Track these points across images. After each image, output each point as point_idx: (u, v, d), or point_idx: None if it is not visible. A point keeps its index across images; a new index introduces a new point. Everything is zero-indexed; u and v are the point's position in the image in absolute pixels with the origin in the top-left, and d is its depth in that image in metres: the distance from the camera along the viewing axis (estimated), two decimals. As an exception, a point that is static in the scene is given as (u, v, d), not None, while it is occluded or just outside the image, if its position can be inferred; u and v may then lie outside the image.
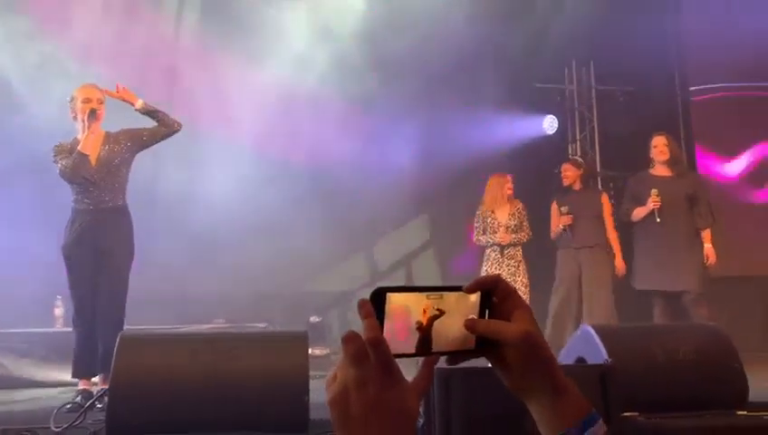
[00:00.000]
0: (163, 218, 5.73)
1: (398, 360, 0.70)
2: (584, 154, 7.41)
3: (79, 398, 3.64)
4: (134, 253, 4.08)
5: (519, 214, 5.69)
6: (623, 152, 7.30)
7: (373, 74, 6.36)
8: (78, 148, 3.93)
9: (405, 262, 7.37)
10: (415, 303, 0.73)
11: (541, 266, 5.80)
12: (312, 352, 5.40)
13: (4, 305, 5.26)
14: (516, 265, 5.59)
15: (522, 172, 6.09)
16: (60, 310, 5.58)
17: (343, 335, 0.69)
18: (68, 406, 3.21)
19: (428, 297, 0.73)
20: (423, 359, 0.75)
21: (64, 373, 4.07)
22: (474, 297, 0.76)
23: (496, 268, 5.58)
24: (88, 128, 3.92)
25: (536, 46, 6.62)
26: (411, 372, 0.73)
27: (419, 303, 0.73)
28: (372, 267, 7.33)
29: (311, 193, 6.35)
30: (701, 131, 7.37)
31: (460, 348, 0.76)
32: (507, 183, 5.77)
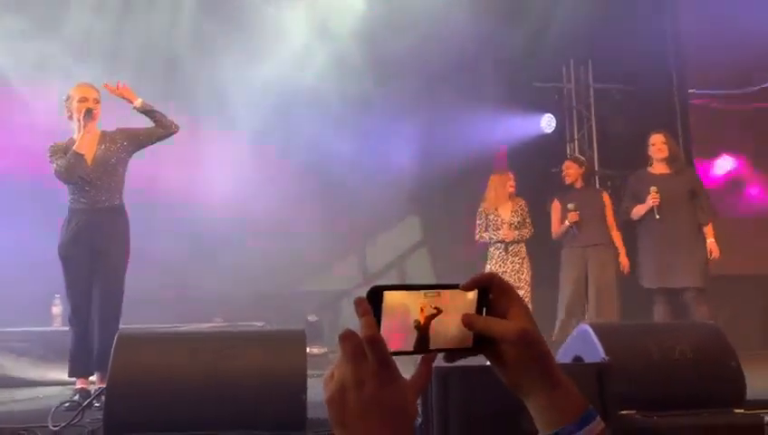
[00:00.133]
0: (161, 218, 5.73)
1: (396, 358, 0.70)
2: (582, 153, 7.41)
3: (77, 397, 3.64)
4: (130, 252, 4.06)
5: (522, 211, 5.68)
6: (621, 151, 7.30)
7: (372, 74, 6.36)
8: (73, 148, 3.90)
9: (404, 261, 7.37)
10: (412, 301, 0.73)
11: (541, 263, 5.79)
12: (310, 350, 5.40)
13: (2, 305, 5.25)
14: (521, 261, 5.59)
15: (520, 171, 6.08)
16: (58, 309, 5.57)
17: (340, 334, 0.69)
18: (66, 405, 3.20)
19: (425, 295, 0.73)
20: (421, 357, 0.75)
21: (62, 372, 4.06)
22: (471, 295, 0.76)
23: (501, 266, 5.58)
24: (84, 127, 3.89)
25: (534, 45, 6.62)
26: (409, 370, 0.73)
27: (416, 301, 0.73)
28: (371, 266, 7.32)
29: (309, 192, 6.35)
30: (699, 131, 7.37)
31: (458, 346, 0.76)
32: (509, 180, 5.77)
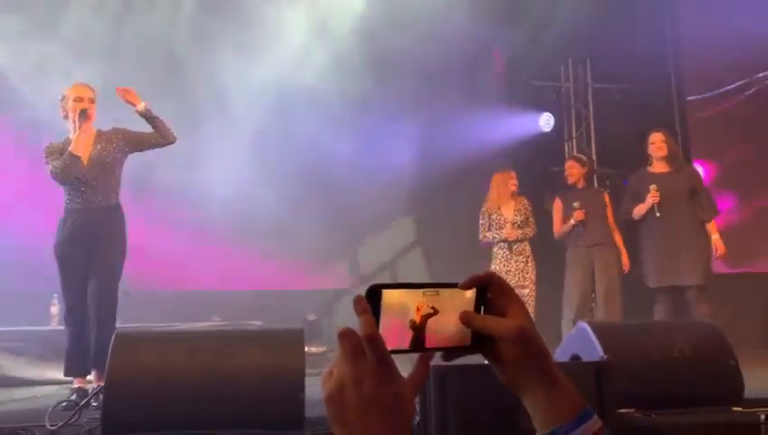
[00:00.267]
0: (160, 217, 5.73)
1: (394, 356, 0.70)
2: (580, 152, 7.41)
3: (74, 396, 3.62)
4: (127, 251, 4.04)
5: (525, 210, 5.68)
6: (619, 150, 7.31)
7: (371, 73, 6.35)
8: (69, 148, 3.87)
9: (403, 260, 7.37)
10: (410, 299, 0.73)
11: (542, 262, 5.77)
12: (309, 349, 5.40)
13: (0, 304, 5.24)
14: (525, 260, 5.58)
15: (519, 170, 6.08)
16: (56, 308, 5.57)
17: (339, 332, 0.69)
18: (63, 404, 3.18)
19: (424, 294, 0.73)
20: (419, 355, 0.75)
21: (60, 371, 4.05)
22: (469, 294, 0.76)
23: (504, 265, 5.57)
24: (79, 128, 3.87)
25: (533, 44, 6.62)
26: (406, 368, 0.73)
27: (414, 300, 0.73)
28: (370, 266, 7.32)
29: (309, 191, 6.35)
30: (697, 130, 7.38)
31: (456, 344, 0.76)
32: (511, 179, 5.77)
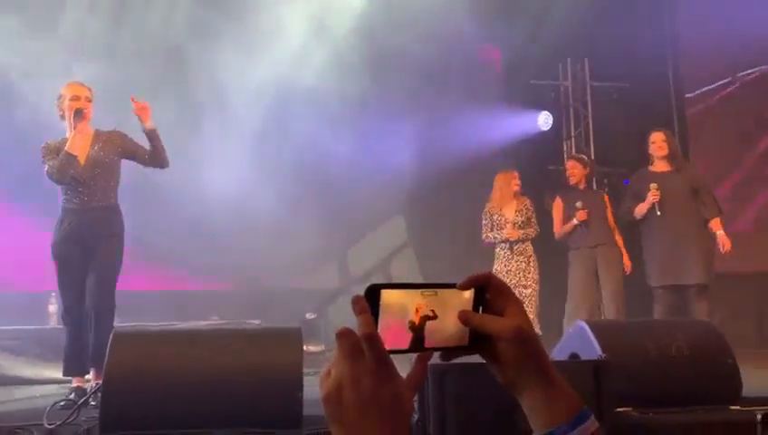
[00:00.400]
0: (158, 216, 5.72)
1: (392, 356, 0.70)
2: (579, 151, 7.42)
3: (72, 395, 3.62)
4: (123, 251, 4.02)
5: (526, 210, 5.68)
6: (618, 149, 7.32)
7: (370, 72, 6.34)
8: (65, 148, 3.84)
9: (402, 259, 7.36)
10: (409, 299, 0.73)
11: (544, 262, 5.76)
12: (307, 348, 5.40)
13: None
14: (527, 260, 5.58)
15: (517, 169, 6.08)
16: (54, 307, 5.56)
17: (338, 331, 0.69)
18: (61, 403, 3.17)
19: (422, 294, 0.73)
20: (417, 355, 0.75)
21: (59, 370, 4.05)
22: (467, 294, 0.76)
23: (506, 265, 5.58)
24: (75, 127, 3.83)
25: (532, 43, 6.61)
26: (405, 368, 0.73)
27: (413, 300, 0.73)
28: (369, 265, 7.32)
29: (307, 190, 6.34)
30: (695, 129, 7.38)
31: (454, 344, 0.76)
32: (514, 179, 5.77)
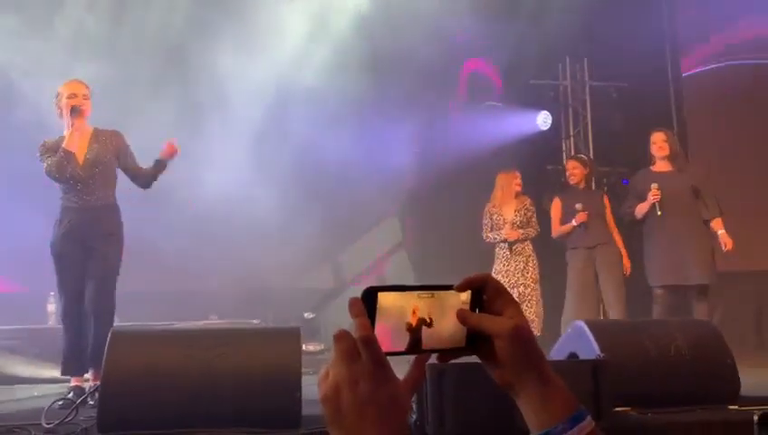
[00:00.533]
0: (157, 216, 5.70)
1: (390, 357, 0.70)
2: (578, 150, 7.42)
3: (71, 394, 3.61)
4: (123, 250, 4.02)
5: (526, 210, 5.67)
6: (617, 148, 7.32)
7: (369, 71, 6.33)
8: (63, 145, 3.83)
9: (402, 259, 7.35)
10: (405, 302, 0.73)
11: (544, 261, 5.76)
12: (306, 348, 5.41)
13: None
14: (525, 260, 5.57)
15: (517, 169, 6.08)
16: (53, 306, 5.55)
17: (335, 334, 0.70)
18: (60, 402, 3.18)
19: (419, 296, 0.73)
20: (414, 357, 0.75)
21: (57, 370, 4.05)
22: (464, 295, 0.76)
23: (505, 265, 5.58)
24: (72, 125, 3.82)
25: (531, 43, 6.60)
26: (402, 370, 0.73)
27: (410, 302, 0.73)
28: (369, 264, 7.32)
29: (307, 190, 6.33)
30: (694, 128, 7.38)
31: (451, 346, 0.76)
32: (515, 179, 5.77)
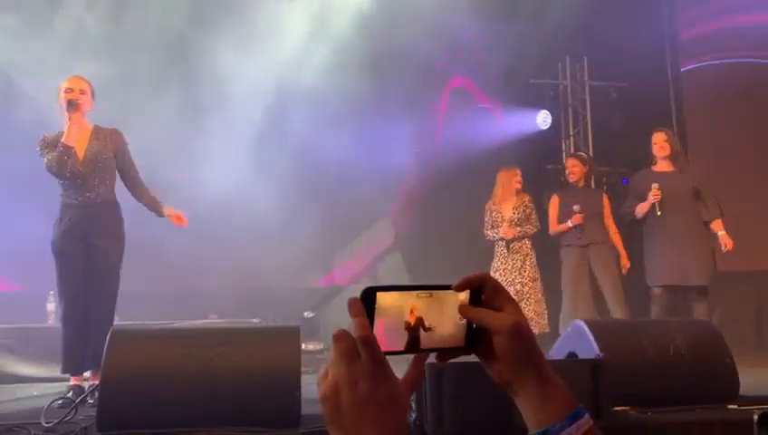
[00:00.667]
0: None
1: (389, 357, 0.71)
2: (577, 150, 7.41)
3: (70, 393, 3.62)
4: (125, 247, 4.03)
5: (525, 207, 5.67)
6: (616, 148, 7.32)
7: (368, 71, 6.32)
8: (61, 140, 3.81)
9: (402, 258, 7.35)
10: (404, 301, 0.73)
11: (543, 260, 5.76)
12: (306, 347, 5.42)
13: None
14: (522, 259, 5.57)
15: (516, 166, 6.07)
16: (52, 305, 5.55)
17: (334, 333, 0.70)
18: (59, 401, 3.17)
19: (418, 296, 0.74)
20: (413, 356, 0.75)
21: (56, 369, 4.04)
22: (463, 295, 0.76)
23: (503, 263, 5.59)
24: (69, 119, 3.80)
25: (531, 42, 6.60)
26: (401, 369, 0.74)
27: (408, 302, 0.73)
28: (368, 263, 7.32)
29: (306, 189, 6.33)
30: (694, 128, 7.38)
31: (449, 345, 0.76)
32: (516, 177, 5.77)
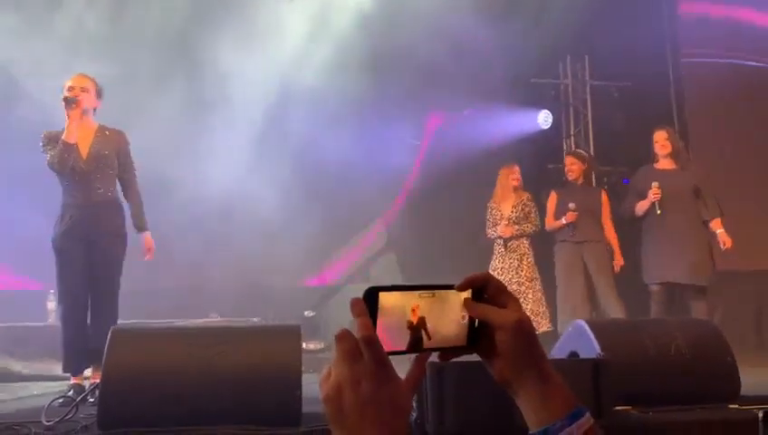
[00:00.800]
0: (157, 213, 5.68)
1: (391, 356, 0.70)
2: (578, 149, 7.41)
3: (71, 392, 3.62)
4: (126, 246, 4.03)
5: (524, 206, 5.65)
6: (617, 148, 7.32)
7: (369, 71, 6.32)
8: (62, 137, 3.80)
9: (402, 258, 7.35)
10: (407, 301, 0.73)
11: (543, 259, 5.77)
12: (307, 346, 5.42)
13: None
14: (519, 258, 5.56)
15: (517, 164, 6.07)
16: (53, 304, 5.54)
17: (337, 334, 0.70)
18: (60, 400, 3.17)
19: (420, 296, 0.74)
20: (415, 356, 0.75)
21: (57, 368, 4.05)
22: (465, 295, 0.76)
23: (500, 262, 5.59)
24: (68, 116, 3.79)
25: (532, 41, 6.60)
26: (403, 368, 0.74)
27: (411, 301, 0.73)
28: (369, 262, 7.32)
29: (307, 188, 6.32)
30: (695, 128, 7.38)
31: (452, 345, 0.76)
32: (512, 174, 5.75)
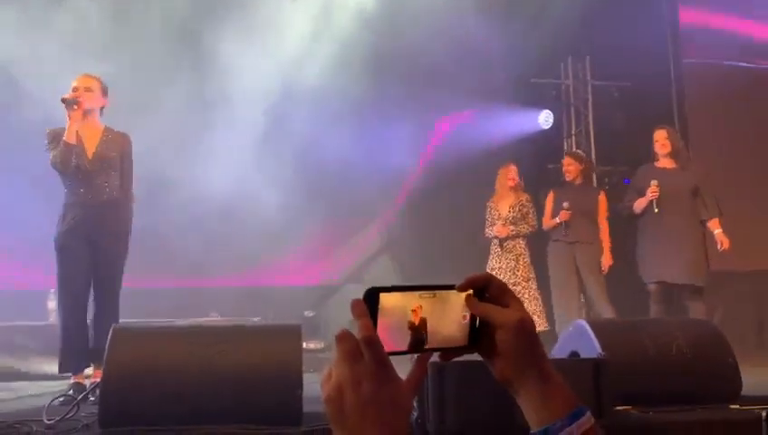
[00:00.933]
0: (158, 213, 5.69)
1: (392, 357, 0.70)
2: (579, 149, 7.41)
3: (71, 391, 3.62)
4: (128, 246, 4.02)
5: (522, 206, 5.64)
6: (618, 148, 7.32)
7: (370, 70, 6.32)
8: (63, 138, 3.78)
9: (403, 257, 7.35)
10: (407, 302, 0.73)
11: (542, 259, 5.76)
12: (307, 345, 5.42)
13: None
14: (515, 258, 5.55)
15: (517, 167, 6.07)
16: (53, 303, 5.54)
17: (337, 334, 0.70)
18: (61, 399, 3.18)
19: (421, 296, 0.74)
20: (417, 356, 0.75)
21: (57, 367, 4.04)
22: (466, 295, 0.76)
23: (497, 262, 5.58)
24: (69, 117, 3.77)
25: (533, 41, 6.60)
26: (404, 368, 0.74)
27: (411, 302, 0.73)
28: (369, 262, 7.32)
29: (308, 188, 6.33)
30: (696, 128, 7.37)
31: (452, 345, 0.76)
32: (509, 173, 5.74)
